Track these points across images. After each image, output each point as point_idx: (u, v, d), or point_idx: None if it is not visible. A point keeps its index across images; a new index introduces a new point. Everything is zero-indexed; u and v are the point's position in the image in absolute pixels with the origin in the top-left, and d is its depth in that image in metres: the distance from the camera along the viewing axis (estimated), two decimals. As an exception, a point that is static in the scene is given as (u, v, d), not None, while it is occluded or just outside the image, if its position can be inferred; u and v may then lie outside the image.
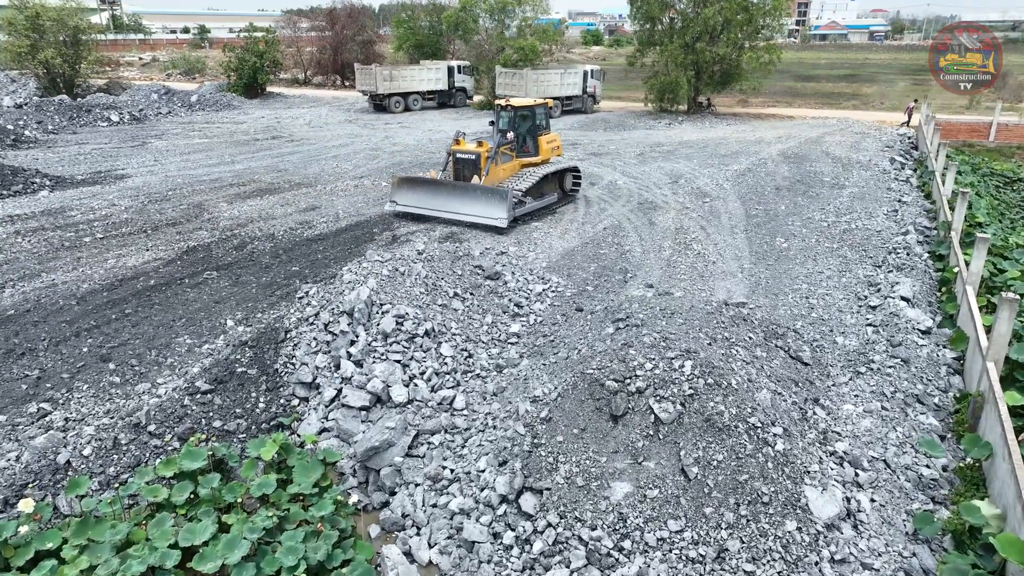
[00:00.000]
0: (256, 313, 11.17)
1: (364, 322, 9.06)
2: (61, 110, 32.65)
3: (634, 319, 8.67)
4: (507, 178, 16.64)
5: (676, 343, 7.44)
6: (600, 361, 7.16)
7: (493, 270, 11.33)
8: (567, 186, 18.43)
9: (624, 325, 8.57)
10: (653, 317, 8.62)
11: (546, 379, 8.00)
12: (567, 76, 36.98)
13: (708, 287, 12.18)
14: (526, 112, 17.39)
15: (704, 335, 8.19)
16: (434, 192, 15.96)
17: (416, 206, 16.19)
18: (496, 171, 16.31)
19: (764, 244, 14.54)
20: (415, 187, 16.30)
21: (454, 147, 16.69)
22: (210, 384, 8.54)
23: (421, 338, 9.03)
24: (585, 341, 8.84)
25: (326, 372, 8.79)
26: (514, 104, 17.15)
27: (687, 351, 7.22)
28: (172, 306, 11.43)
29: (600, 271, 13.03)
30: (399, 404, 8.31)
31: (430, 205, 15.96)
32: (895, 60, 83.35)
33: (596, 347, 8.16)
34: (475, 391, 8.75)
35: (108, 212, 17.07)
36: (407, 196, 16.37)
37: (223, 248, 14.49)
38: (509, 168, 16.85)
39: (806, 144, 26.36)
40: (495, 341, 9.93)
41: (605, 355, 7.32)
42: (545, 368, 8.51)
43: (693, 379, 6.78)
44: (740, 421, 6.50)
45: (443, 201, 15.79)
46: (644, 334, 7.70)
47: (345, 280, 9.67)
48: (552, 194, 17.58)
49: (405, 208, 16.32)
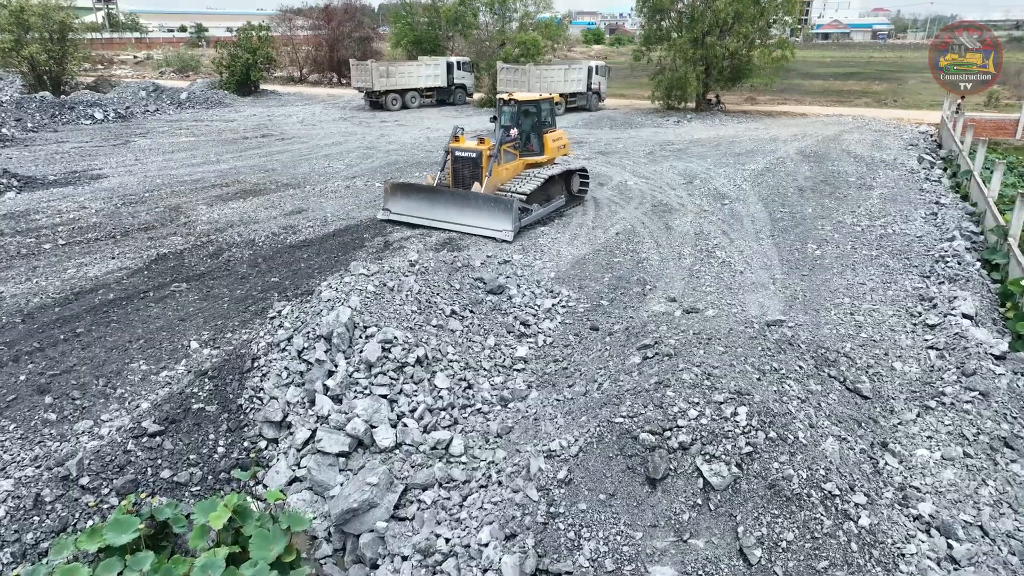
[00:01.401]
0: (225, 332, 9.79)
1: (344, 349, 7.69)
2: (42, 107, 31.25)
3: (664, 346, 7.30)
4: (510, 179, 15.29)
5: (722, 381, 6.07)
6: (631, 406, 5.78)
7: (496, 283, 9.95)
8: (574, 188, 17.00)
9: (653, 354, 7.19)
10: (687, 344, 7.25)
11: (561, 421, 6.63)
12: (571, 72, 35.61)
13: (738, 301, 10.80)
14: (531, 107, 16.02)
15: (751, 367, 6.82)
16: (431, 200, 14.62)
17: (411, 215, 14.85)
18: (499, 171, 14.97)
19: (795, 251, 13.16)
20: (410, 194, 14.96)
21: (453, 144, 15.29)
22: (160, 424, 7.17)
23: (412, 367, 7.65)
24: (606, 372, 7.47)
25: (299, 409, 7.42)
26: (518, 98, 15.74)
27: (738, 392, 5.85)
28: (131, 324, 10.05)
29: (615, 282, 11.65)
30: (384, 449, 6.94)
31: (427, 214, 14.61)
32: (900, 59, 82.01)
33: (622, 383, 6.78)
34: (476, 430, 7.38)
35: (76, 216, 15.69)
36: (401, 204, 15.03)
37: (196, 256, 13.10)
38: (512, 168, 15.51)
39: (824, 142, 24.98)
40: (499, 368, 8.55)
41: (637, 397, 5.94)
42: (560, 406, 7.13)
43: (750, 432, 5.40)
44: (813, 488, 5.12)
45: (441, 210, 14.42)
46: (681, 368, 6.32)
47: (323, 298, 8.30)
48: (559, 197, 16.16)
49: (399, 217, 14.98)
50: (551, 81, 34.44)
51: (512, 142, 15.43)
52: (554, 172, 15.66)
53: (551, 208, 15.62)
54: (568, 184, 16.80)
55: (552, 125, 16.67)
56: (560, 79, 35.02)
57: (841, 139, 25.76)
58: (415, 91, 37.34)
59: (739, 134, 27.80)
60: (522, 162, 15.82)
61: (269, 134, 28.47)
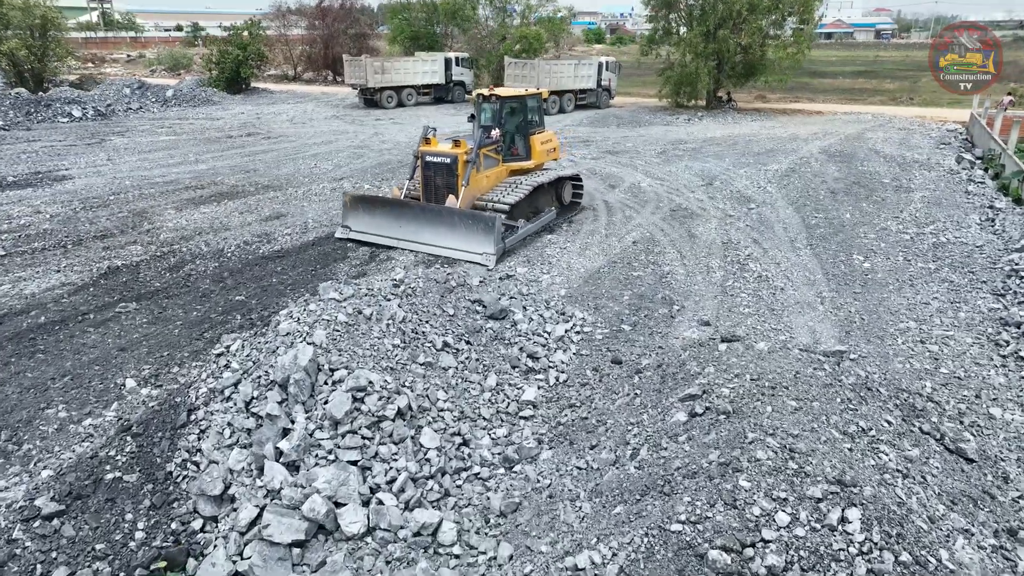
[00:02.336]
0: (171, 367, 8.12)
1: (304, 399, 6.01)
2: (17, 104, 29.53)
3: (717, 398, 5.63)
4: (492, 188, 13.04)
5: (812, 461, 4.40)
6: (691, 504, 4.11)
7: (498, 306, 8.28)
8: (566, 198, 14.61)
9: (703, 409, 5.52)
10: (747, 396, 5.58)
11: (587, 509, 4.96)
12: (580, 68, 33.99)
13: (784, 326, 9.13)
14: (515, 104, 13.78)
15: (836, 431, 5.16)
16: (397, 216, 12.28)
17: (374, 234, 12.48)
18: (478, 179, 12.69)
19: (839, 264, 11.49)
20: (373, 209, 12.58)
21: (423, 148, 12.83)
22: (60, 502, 5.49)
23: (391, 422, 5.98)
24: (640, 430, 5.80)
25: (244, 478, 5.75)
26: (500, 94, 13.51)
27: (839, 482, 4.19)
28: (59, 355, 8.38)
29: (636, 301, 9.98)
30: (353, 537, 5.28)
31: (393, 233, 12.27)
32: (907, 57, 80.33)
33: (666, 451, 5.12)
34: (473, 505, 5.72)
35: (28, 222, 14.01)
36: (363, 220, 12.65)
37: (154, 269, 11.43)
38: (494, 175, 13.27)
39: (848, 141, 23.33)
40: (502, 416, 6.88)
41: (696, 487, 4.27)
42: (583, 479, 5.46)
43: (871, 550, 3.73)
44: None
45: (410, 228, 12.10)
46: (751, 441, 4.66)
47: (281, 331, 6.64)
48: (549, 209, 13.81)
49: (360, 236, 12.62)
50: (560, 77, 32.88)
51: (493, 144, 13.22)
52: (543, 180, 13.38)
53: (540, 223, 13.33)
54: (559, 194, 14.42)
55: (540, 125, 14.46)
56: (569, 75, 33.42)
57: (865, 137, 24.12)
58: (412, 88, 35.65)
59: (755, 132, 26.14)
60: (505, 168, 13.60)
61: (255, 132, 26.80)
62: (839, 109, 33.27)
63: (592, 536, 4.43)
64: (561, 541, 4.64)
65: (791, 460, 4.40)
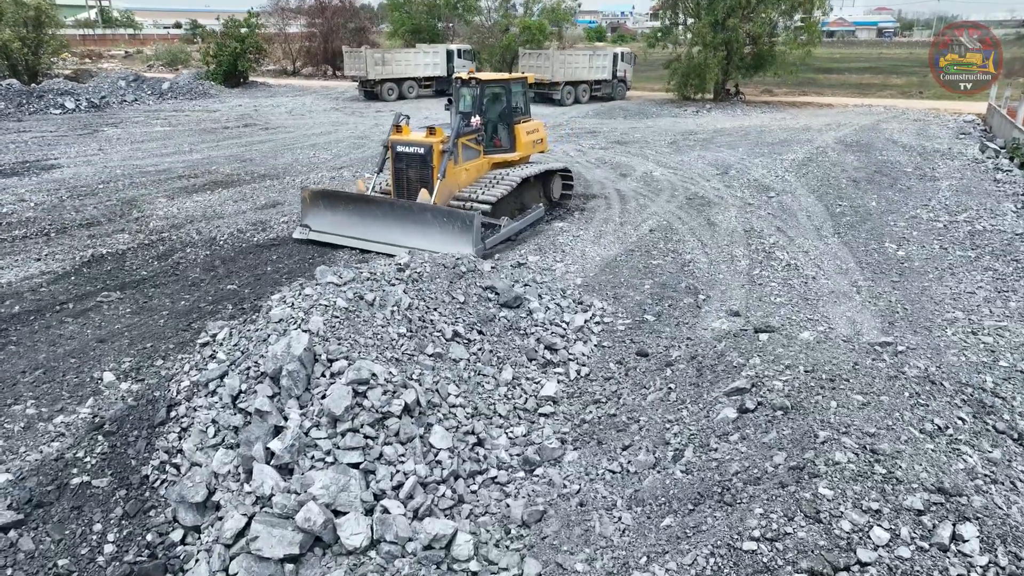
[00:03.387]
0: (155, 359, 7.42)
1: (298, 393, 5.31)
2: (8, 95, 28.82)
3: (769, 392, 4.93)
4: (471, 183, 11.78)
5: (902, 464, 3.70)
6: (766, 519, 3.41)
7: (512, 294, 7.57)
8: (555, 194, 13.38)
9: (755, 404, 4.83)
10: (805, 389, 4.88)
11: (627, 519, 4.26)
12: (596, 59, 33.35)
13: (820, 316, 8.43)
14: (497, 89, 12.51)
15: (914, 429, 4.46)
16: (363, 214, 10.86)
17: (338, 234, 11.03)
18: (455, 172, 11.39)
19: (871, 252, 10.79)
20: (336, 205, 11.20)
21: (394, 137, 11.50)
22: (17, 511, 4.78)
23: (397, 419, 5.27)
24: (682, 428, 5.10)
25: (230, 483, 5.05)
26: (481, 78, 12.32)
27: (941, 491, 3.48)
28: (33, 347, 7.68)
29: (658, 291, 9.28)
30: (354, 551, 4.58)
31: (358, 232, 10.83)
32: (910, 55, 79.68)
33: (717, 453, 4.42)
34: (490, 513, 5.01)
35: (9, 210, 13.31)
36: (325, 218, 11.20)
37: (141, 257, 10.73)
38: (474, 168, 11.95)
39: (863, 132, 22.64)
40: (519, 412, 6.18)
41: (766, 494, 3.56)
42: (618, 485, 4.76)
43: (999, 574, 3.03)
44: None
45: (377, 227, 10.63)
46: (824, 440, 3.96)
47: (273, 318, 5.94)
48: (536, 206, 12.51)
49: (321, 237, 11.17)
50: (575, 67, 32.31)
51: (473, 134, 11.82)
52: (530, 173, 12.12)
53: (527, 221, 12.04)
54: (547, 189, 13.18)
55: (526, 113, 13.18)
56: (584, 65, 32.79)
57: (880, 128, 23.44)
58: (413, 80, 34.94)
59: (766, 124, 25.44)
60: (487, 161, 12.26)
61: (252, 124, 26.09)
62: (849, 102, 32.57)
63: (639, 553, 3.73)
64: (600, 558, 3.94)
65: (876, 463, 3.70)
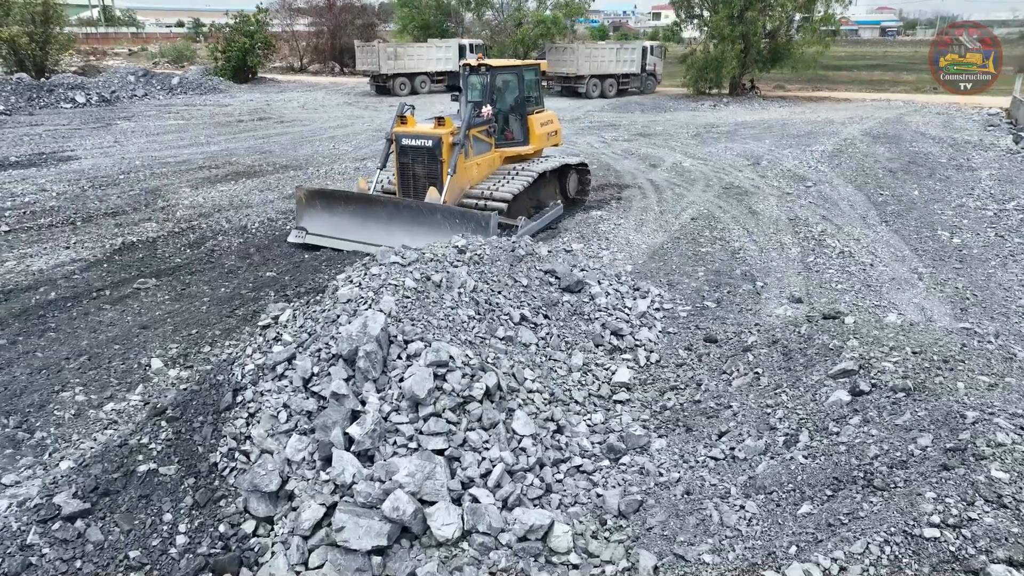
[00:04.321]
0: (202, 345, 7.12)
1: (375, 376, 5.00)
2: (18, 90, 28.55)
3: (882, 373, 4.63)
4: (483, 179, 10.89)
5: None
6: (942, 504, 3.10)
7: (573, 278, 7.27)
8: (571, 190, 12.37)
9: (869, 387, 4.52)
10: (922, 371, 4.57)
11: (752, 508, 3.95)
12: (623, 52, 33.17)
13: (887, 302, 8.13)
14: (509, 77, 11.51)
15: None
16: (365, 214, 9.84)
17: (337, 237, 9.99)
18: (466, 167, 10.42)
19: (924, 239, 10.49)
20: (334, 206, 10.14)
21: (398, 130, 10.49)
22: (83, 499, 4.48)
23: (479, 403, 4.96)
24: (788, 413, 4.80)
25: (306, 471, 4.74)
26: (492, 64, 11.24)
27: None
28: (74, 334, 7.37)
29: (714, 278, 8.98)
30: (445, 542, 4.27)
31: (360, 236, 9.73)
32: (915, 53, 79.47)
33: (840, 435, 4.12)
34: (580, 503, 4.71)
35: (32, 199, 13.01)
36: (323, 220, 10.18)
37: (173, 245, 10.44)
38: (486, 163, 11.04)
39: (887, 124, 22.34)
40: (595, 400, 5.87)
41: (944, 487, 3.25)
42: (724, 469, 4.46)
43: None
44: None
45: (381, 230, 9.49)
46: (974, 421, 3.65)
47: (341, 297, 5.64)
48: (554, 203, 11.68)
49: (319, 241, 10.14)
50: (600, 61, 32.18)
51: (485, 125, 10.89)
52: (548, 168, 11.23)
53: (545, 220, 11.18)
54: (564, 185, 12.18)
55: (539, 104, 12.20)
56: (611, 59, 32.61)
57: (904, 121, 23.13)
58: (425, 75, 34.62)
59: (787, 117, 25.15)
60: (499, 155, 11.35)
61: (267, 117, 25.80)
62: (866, 97, 32.30)
63: (782, 542, 3.43)
64: (730, 548, 3.64)
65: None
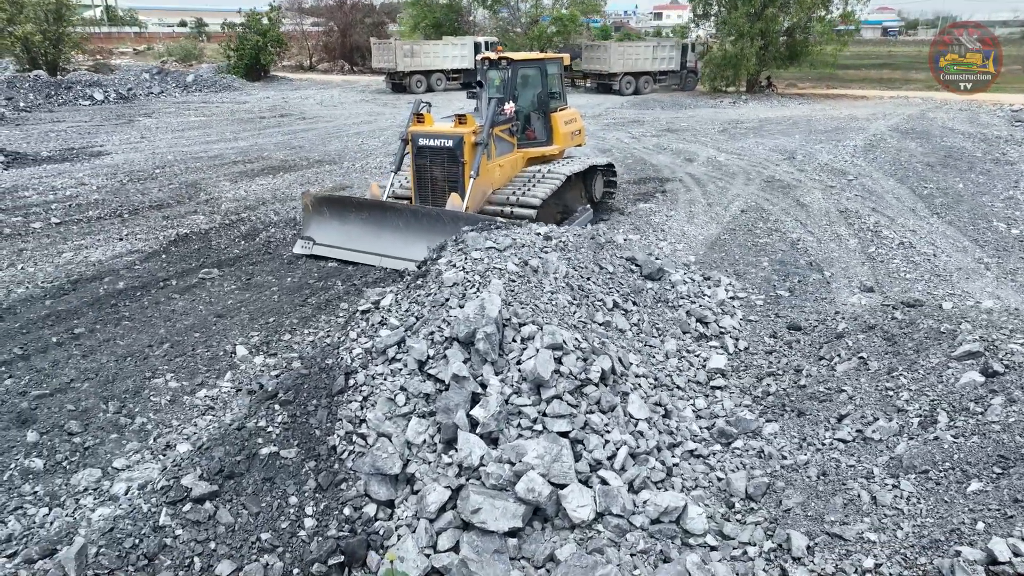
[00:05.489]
0: (282, 333, 7.07)
1: (494, 358, 4.96)
2: (36, 87, 28.47)
3: (1011, 355, 4.59)
4: (505, 182, 9.88)
5: None
6: None
7: (654, 266, 7.22)
8: (597, 193, 11.36)
9: (1003, 368, 4.48)
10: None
11: (884, 476, 3.90)
12: (660, 50, 33.18)
13: (960, 291, 8.09)
14: (531, 71, 10.54)
15: None
16: (379, 223, 8.88)
17: (348, 248, 9.01)
18: (489, 169, 9.39)
19: (982, 231, 10.46)
20: (345, 214, 9.19)
21: (415, 129, 9.61)
22: (210, 481, 4.43)
23: (595, 387, 4.92)
24: (910, 395, 4.75)
25: (426, 453, 4.68)
26: (513, 57, 10.30)
27: None
28: (150, 322, 7.32)
29: (779, 267, 8.94)
30: (579, 524, 4.22)
31: (372, 247, 8.78)
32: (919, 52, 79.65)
33: (985, 416, 4.08)
34: (701, 486, 4.67)
35: (74, 192, 12.95)
36: (332, 230, 9.22)
37: (226, 237, 10.38)
38: (508, 164, 10.02)
39: (912, 120, 22.35)
40: (694, 385, 5.83)
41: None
42: (857, 451, 4.42)
43: None
44: None
45: (397, 240, 8.56)
46: None
47: (447, 281, 5.59)
48: (581, 208, 10.77)
49: (328, 252, 9.18)
50: (635, 59, 32.26)
51: (507, 123, 9.89)
52: (576, 169, 10.17)
53: (578, 225, 9.79)
54: (589, 188, 11.15)
55: (563, 100, 11.30)
56: (647, 57, 32.68)
57: (928, 117, 23.14)
58: (441, 72, 34.59)
59: (809, 114, 25.14)
60: (521, 155, 10.36)
61: (288, 114, 25.75)
62: (884, 94, 32.30)
63: (964, 519, 3.39)
64: (897, 527, 3.59)
65: None
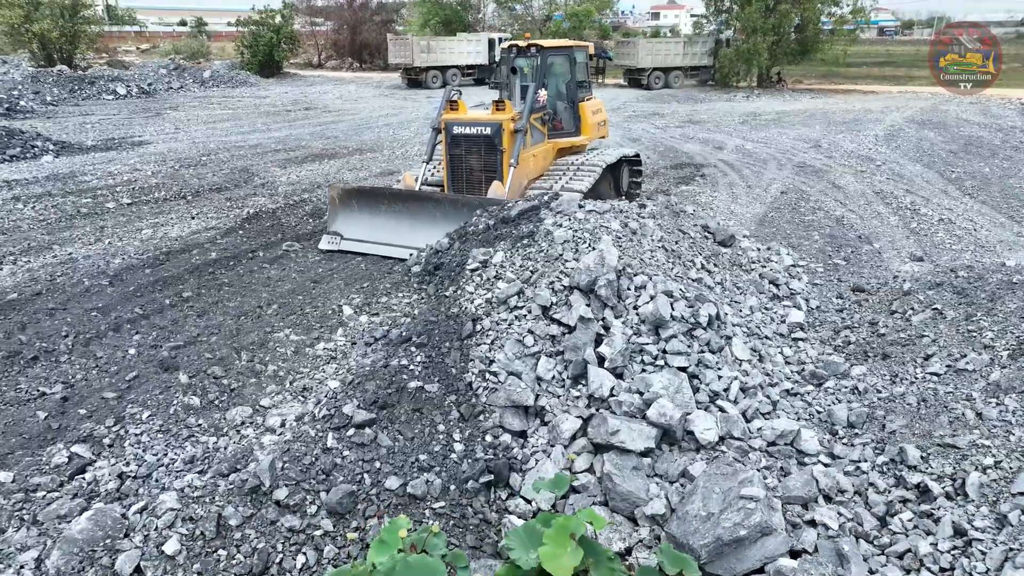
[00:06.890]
0: (379, 296, 7.52)
1: (614, 303, 5.43)
2: (60, 82, 28.84)
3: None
4: (539, 173, 9.55)
5: None
6: None
7: (726, 232, 7.71)
8: (624, 184, 11.12)
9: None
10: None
11: (984, 396, 4.40)
12: (692, 46, 33.58)
13: (1006, 258, 8.61)
14: (559, 58, 10.19)
15: None
16: (414, 214, 8.34)
17: (378, 242, 8.46)
18: (525, 159, 9.02)
19: (1016, 209, 10.99)
20: (376, 206, 8.66)
21: (448, 116, 9.27)
22: (367, 410, 4.88)
23: (704, 331, 5.40)
24: (993, 335, 5.25)
25: (556, 388, 5.16)
26: (543, 45, 9.97)
27: None
28: (250, 287, 7.78)
29: (831, 240, 9.45)
30: (705, 445, 4.70)
31: (406, 241, 8.13)
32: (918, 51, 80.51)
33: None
34: (806, 420, 5.15)
35: (131, 177, 13.38)
36: (360, 223, 8.69)
37: (294, 215, 10.84)
38: (541, 155, 9.68)
39: (926, 112, 22.92)
40: (779, 336, 6.32)
41: None
42: (950, 380, 4.91)
43: None
44: None
45: (435, 231, 7.69)
46: None
47: (557, 238, 6.06)
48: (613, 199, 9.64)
49: (357, 247, 8.64)
50: (664, 55, 32.73)
51: (541, 112, 9.63)
52: (608, 160, 9.78)
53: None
54: (617, 180, 10.84)
55: (589, 90, 10.98)
56: (677, 52, 33.14)
57: (941, 110, 23.70)
58: (456, 68, 35.05)
59: (823, 107, 25.70)
60: (552, 146, 10.04)
61: (312, 107, 26.20)
62: (892, 89, 32.91)
63: (1072, 420, 3.89)
64: (1009, 433, 4.08)
65: None
